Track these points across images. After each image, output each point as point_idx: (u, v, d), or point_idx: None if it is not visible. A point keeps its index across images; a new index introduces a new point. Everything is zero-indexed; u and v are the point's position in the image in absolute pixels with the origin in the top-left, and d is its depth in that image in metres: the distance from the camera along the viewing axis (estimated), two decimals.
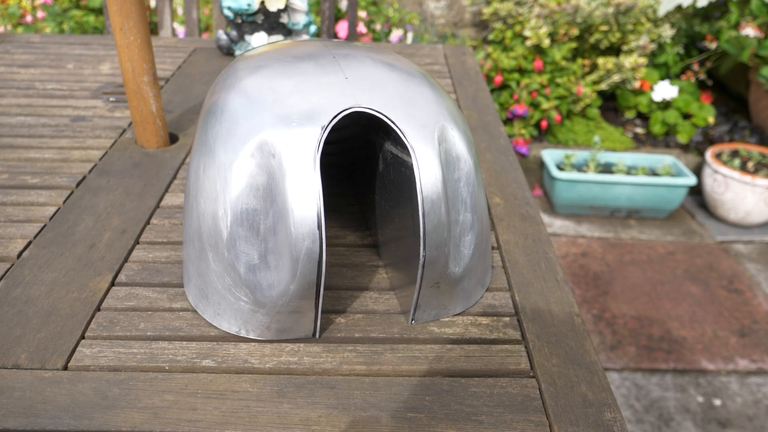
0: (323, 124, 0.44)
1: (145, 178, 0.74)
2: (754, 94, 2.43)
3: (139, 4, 0.72)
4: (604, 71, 2.46)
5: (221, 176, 0.46)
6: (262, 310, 0.48)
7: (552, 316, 0.55)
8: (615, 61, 2.42)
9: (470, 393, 0.47)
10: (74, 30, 2.47)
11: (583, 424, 0.45)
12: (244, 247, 0.46)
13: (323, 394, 0.46)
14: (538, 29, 2.38)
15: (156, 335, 0.51)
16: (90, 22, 2.52)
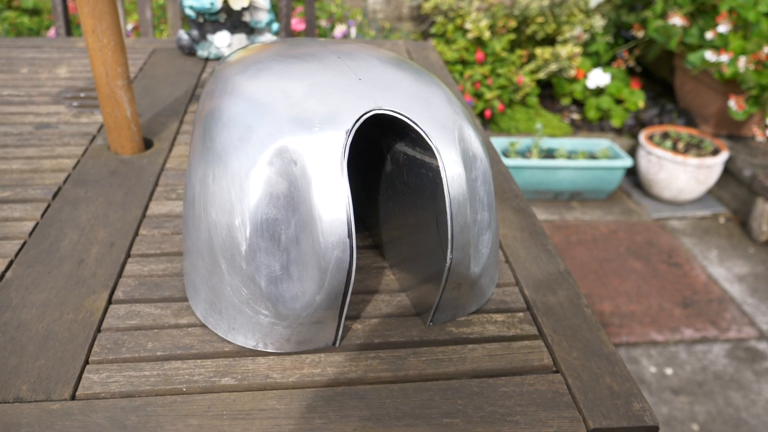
0: (347, 128, 0.41)
1: (125, 186, 0.68)
2: (680, 79, 2.52)
3: (112, 5, 0.66)
4: (542, 61, 2.50)
5: (236, 185, 0.43)
6: (283, 322, 0.45)
7: (563, 309, 0.54)
8: (552, 51, 2.46)
9: (500, 393, 0.45)
10: (8, 32, 2.30)
11: (615, 417, 0.44)
12: (265, 258, 0.43)
13: (354, 405, 0.44)
14: (479, 22, 2.39)
15: (167, 355, 0.47)
16: (24, 23, 2.35)
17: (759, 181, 2.14)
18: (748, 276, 1.98)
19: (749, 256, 2.08)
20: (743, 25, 2.09)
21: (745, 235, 2.19)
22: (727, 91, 2.20)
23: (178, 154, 0.75)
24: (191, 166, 0.49)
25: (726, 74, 2.05)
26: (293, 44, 0.56)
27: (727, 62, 2.02)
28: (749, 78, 2.00)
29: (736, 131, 2.40)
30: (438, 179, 0.44)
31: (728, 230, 2.22)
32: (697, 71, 2.18)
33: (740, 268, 2.02)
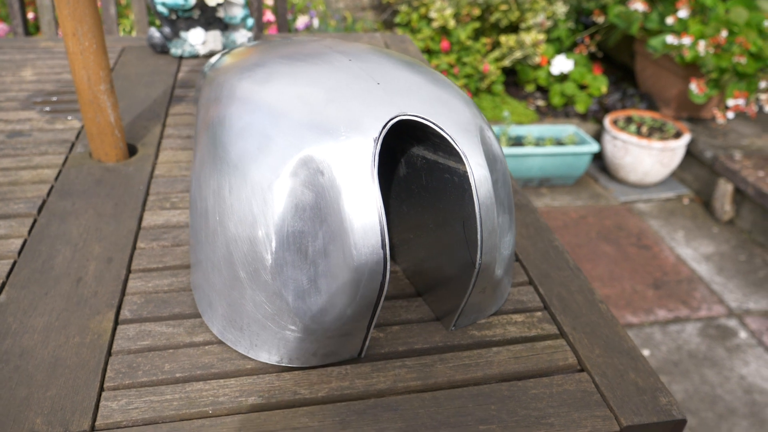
0: (374, 135, 0.40)
1: (114, 196, 0.65)
2: (640, 64, 2.58)
3: (93, 6, 0.63)
4: (506, 48, 2.51)
5: (258, 197, 0.41)
6: (311, 337, 0.44)
7: (579, 306, 0.54)
8: (516, 39, 2.48)
9: (531, 396, 0.46)
10: None
11: (645, 413, 0.45)
12: (292, 272, 0.41)
13: (388, 417, 0.43)
14: (443, 11, 2.38)
15: (187, 376, 0.45)
16: None
17: (720, 161, 2.21)
18: (714, 255, 2.05)
19: (714, 236, 2.15)
20: (701, 10, 2.15)
21: (708, 215, 2.26)
22: (688, 75, 2.27)
23: (166, 160, 0.73)
24: (201, 177, 0.47)
25: (687, 58, 2.10)
26: (292, 45, 0.55)
27: (688, 46, 2.07)
28: (709, 61, 2.06)
29: (696, 114, 2.47)
30: (465, 184, 0.43)
31: (692, 211, 2.29)
32: (659, 55, 2.24)
33: (706, 248, 2.09)
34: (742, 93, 2.10)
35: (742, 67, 2.03)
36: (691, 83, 2.15)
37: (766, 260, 2.03)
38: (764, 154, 2.27)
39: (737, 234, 2.16)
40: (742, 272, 1.97)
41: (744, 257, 2.04)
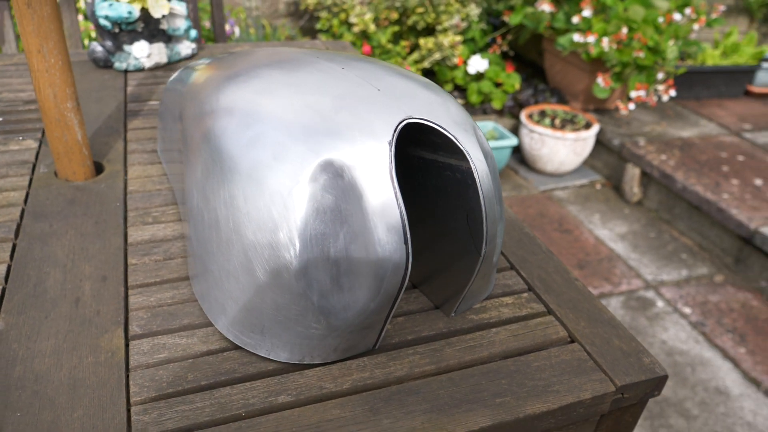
0: (388, 139, 0.43)
1: (92, 215, 0.64)
2: (549, 61, 2.73)
3: (58, 22, 0.61)
4: (426, 50, 2.59)
5: (278, 204, 0.43)
6: (334, 333, 0.46)
7: (558, 285, 0.59)
8: (434, 41, 2.56)
9: (534, 368, 0.50)
10: None
11: (633, 373, 0.50)
12: (316, 273, 0.43)
13: (412, 401, 0.46)
14: (363, 15, 2.42)
15: (212, 383, 0.46)
16: None
17: (627, 148, 2.39)
18: (627, 234, 2.21)
19: (626, 216, 2.32)
20: (602, 9, 2.31)
21: (619, 198, 2.44)
22: (594, 70, 2.43)
23: (137, 176, 0.71)
24: (206, 189, 0.47)
25: (593, 54, 2.26)
26: (273, 54, 0.56)
27: (593, 43, 2.22)
28: (612, 56, 2.22)
29: (601, 105, 2.65)
30: (468, 179, 0.46)
31: (605, 195, 2.46)
32: (567, 52, 2.38)
33: (620, 228, 2.25)
34: (642, 85, 2.28)
35: (642, 61, 2.21)
36: (598, 78, 2.30)
37: (672, 235, 2.21)
38: (664, 139, 2.48)
39: (646, 213, 2.34)
40: (653, 248, 2.13)
41: (654, 234, 2.22)
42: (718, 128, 2.65)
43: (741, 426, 1.46)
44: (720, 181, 2.19)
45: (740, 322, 1.80)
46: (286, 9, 3.09)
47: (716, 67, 2.82)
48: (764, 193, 2.13)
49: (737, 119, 2.77)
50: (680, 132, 2.58)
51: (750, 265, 1.96)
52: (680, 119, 2.71)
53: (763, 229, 1.89)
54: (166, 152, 0.71)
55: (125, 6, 0.94)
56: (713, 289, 1.93)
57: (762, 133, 2.63)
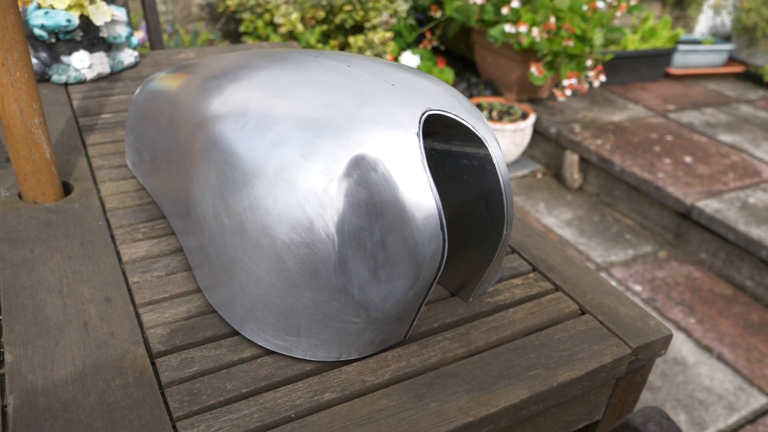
0: (415, 131, 0.46)
1: (74, 236, 0.63)
2: (480, 53, 2.85)
3: (22, 33, 0.61)
4: (356, 49, 2.63)
5: (312, 202, 0.45)
6: (372, 326, 0.48)
7: (559, 263, 0.65)
8: (365, 39, 2.61)
9: (556, 341, 0.54)
10: None
11: (644, 335, 0.56)
12: (355, 267, 0.46)
13: (453, 383, 0.49)
14: (290, 15, 2.44)
15: (253, 389, 0.47)
16: None
17: (564, 136, 2.53)
18: (573, 220, 2.34)
19: (569, 203, 2.46)
20: (529, 0, 2.44)
21: (561, 185, 2.57)
22: (525, 60, 2.55)
23: (111, 193, 0.71)
24: (225, 196, 0.49)
25: (524, 44, 2.38)
26: (266, 55, 0.58)
27: (525, 33, 2.34)
28: (543, 46, 2.35)
29: (535, 95, 2.79)
30: (487, 165, 0.51)
31: (547, 183, 2.59)
32: (499, 44, 2.50)
33: (565, 215, 2.37)
34: (574, 73, 2.42)
35: (571, 49, 2.35)
36: (532, 67, 2.43)
37: (615, 218, 2.36)
38: (598, 124, 2.64)
39: (588, 198, 2.48)
40: (599, 231, 2.27)
41: (598, 218, 2.36)
42: (645, 110, 2.85)
43: (700, 391, 1.59)
44: (654, 161, 2.36)
45: (687, 294, 1.95)
46: (201, 12, 3.05)
47: (637, 51, 3.04)
48: (695, 169, 2.32)
49: (661, 101, 2.99)
50: (611, 116, 2.75)
51: (689, 239, 2.12)
52: (609, 104, 2.90)
53: (699, 204, 2.06)
54: (142, 165, 0.71)
55: (63, 14, 0.92)
56: (659, 266, 2.08)
57: (685, 113, 2.85)
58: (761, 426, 1.50)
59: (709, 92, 3.14)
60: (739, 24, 3.33)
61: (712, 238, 2.01)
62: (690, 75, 3.29)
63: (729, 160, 2.38)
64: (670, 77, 3.29)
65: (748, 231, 1.87)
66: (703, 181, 2.21)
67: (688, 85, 3.23)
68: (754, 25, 3.21)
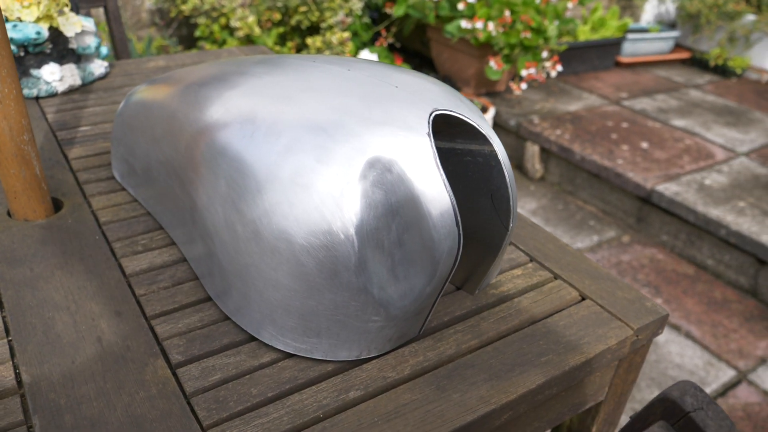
0: (426, 131, 0.48)
1: (73, 252, 0.63)
2: (436, 49, 2.88)
3: (8, 48, 0.60)
4: (314, 50, 2.63)
5: (329, 205, 0.46)
6: (391, 323, 0.50)
7: (554, 253, 0.67)
8: (322, 39, 2.61)
9: (562, 327, 0.57)
10: None
11: (643, 316, 0.59)
12: (374, 266, 0.47)
13: (471, 374, 0.51)
14: (246, 18, 2.42)
15: (278, 393, 0.48)
16: None
17: (524, 127, 2.58)
18: (538, 209, 2.40)
19: (532, 193, 2.52)
20: None
21: (523, 176, 2.63)
22: (482, 55, 2.60)
23: (103, 206, 0.70)
24: (240, 201, 0.50)
25: (481, 39, 2.42)
26: (260, 62, 0.59)
27: (482, 28, 2.39)
28: (500, 40, 2.40)
29: (492, 89, 2.84)
30: (491, 162, 0.53)
31: None
32: (456, 39, 2.53)
33: (530, 205, 2.43)
34: (531, 64, 2.48)
35: (528, 41, 2.40)
36: (490, 61, 2.47)
37: (578, 205, 2.43)
38: (555, 115, 2.71)
39: (550, 187, 2.55)
40: (563, 219, 2.34)
41: (561, 206, 2.42)
42: (600, 99, 2.94)
43: (672, 369, 1.66)
44: (612, 148, 2.44)
45: (652, 275, 2.03)
46: (151, 18, 3.00)
47: (588, 42, 3.12)
48: (652, 154, 2.41)
49: (614, 89, 3.09)
50: (567, 106, 2.83)
51: (651, 222, 2.21)
52: (565, 94, 2.97)
53: (659, 188, 2.14)
54: (133, 177, 0.71)
55: (32, 26, 0.90)
56: (623, 250, 2.16)
57: (638, 100, 2.95)
58: (731, 398, 1.58)
59: (658, 79, 3.25)
60: (683, 11, 3.46)
61: (672, 220, 2.10)
62: (639, 63, 3.41)
63: (683, 144, 2.48)
64: (620, 66, 3.39)
65: (706, 212, 1.96)
66: (661, 166, 2.30)
67: (638, 72, 3.34)
68: (698, 12, 3.34)
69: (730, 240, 1.88)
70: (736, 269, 1.90)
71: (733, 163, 2.31)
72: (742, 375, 1.64)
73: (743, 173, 2.24)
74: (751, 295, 1.86)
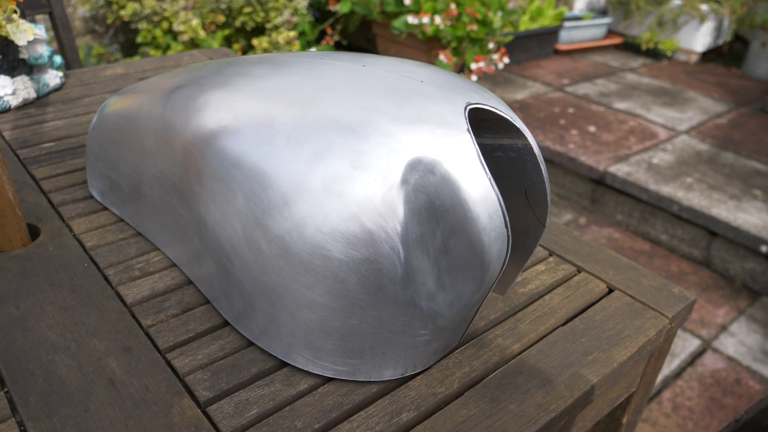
0: (465, 127, 0.43)
1: (62, 284, 0.55)
2: (382, 45, 2.84)
3: None
4: (260, 51, 2.55)
5: (370, 213, 0.41)
6: (438, 335, 0.46)
7: (572, 245, 0.65)
8: (269, 40, 2.53)
9: (599, 321, 0.54)
10: None
11: (673, 303, 0.57)
12: (421, 277, 0.43)
13: (522, 380, 0.48)
14: (190, 22, 2.32)
15: (326, 423, 0.43)
16: None
17: None
18: None
19: None
20: None
21: None
22: (429, 48, 2.58)
23: (86, 229, 0.63)
24: (264, 217, 0.44)
25: (429, 33, 2.39)
26: (264, 62, 0.54)
27: (429, 23, 2.36)
28: (448, 33, 2.38)
29: None
30: (526, 156, 0.49)
31: None
32: (404, 35, 2.50)
33: None
34: (481, 57, 2.47)
35: (475, 34, 2.39)
36: (440, 54, 2.45)
37: None
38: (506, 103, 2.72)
39: None
40: None
41: None
42: (544, 87, 2.97)
43: None
44: (562, 133, 2.47)
45: None
46: (86, 26, 2.83)
47: (529, 31, 3.15)
48: (600, 137, 2.44)
49: (556, 76, 3.12)
50: (514, 95, 2.84)
51: (605, 203, 2.24)
52: (510, 84, 2.99)
53: (611, 169, 2.17)
54: (117, 194, 0.64)
55: None
56: (581, 231, 2.18)
57: (580, 85, 3.00)
58: (699, 366, 1.61)
59: (596, 64, 3.32)
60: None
61: (626, 199, 2.13)
62: (576, 50, 3.47)
63: (627, 125, 2.53)
64: (559, 53, 3.44)
65: (658, 189, 2.00)
66: (610, 148, 2.33)
67: (576, 59, 3.40)
68: None
69: (683, 215, 1.93)
70: (689, 243, 1.95)
71: (676, 141, 2.37)
72: (706, 343, 1.67)
73: (686, 150, 2.30)
74: (705, 266, 1.91)
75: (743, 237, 1.77)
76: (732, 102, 2.83)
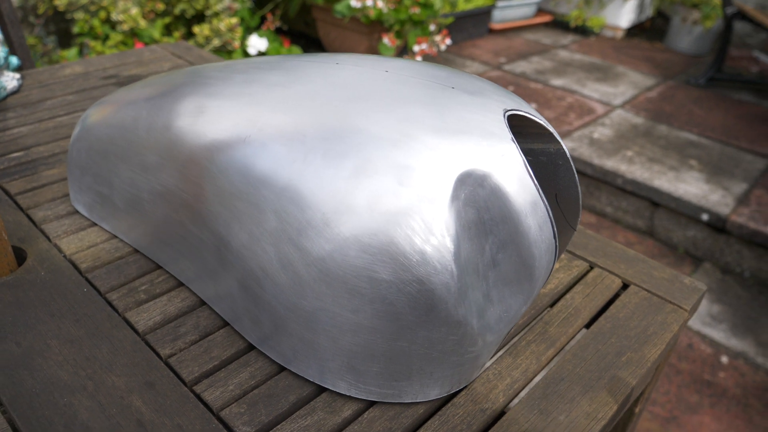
0: (509, 136, 0.41)
1: (63, 313, 0.49)
2: (323, 30, 2.76)
3: None
4: (202, 39, 2.42)
5: (420, 232, 0.38)
6: (486, 350, 0.43)
7: (580, 240, 0.63)
8: (211, 27, 2.40)
9: (623, 318, 0.53)
10: None
11: (688, 294, 0.56)
12: (472, 294, 0.40)
13: (566, 387, 0.46)
14: (129, 11, 2.17)
15: None
16: None
17: None
18: None
19: None
20: None
21: None
22: (371, 32, 2.52)
23: (77, 249, 0.57)
24: (300, 240, 0.40)
25: (372, 17, 2.34)
26: (274, 67, 0.49)
27: (372, 6, 2.30)
28: (390, 16, 2.33)
29: None
30: (558, 160, 0.47)
31: None
32: (347, 19, 2.43)
33: None
34: (423, 39, 2.44)
35: (417, 16, 2.35)
36: (383, 38, 2.40)
37: None
38: None
39: None
40: None
41: None
42: (483, 66, 2.97)
43: None
44: None
45: None
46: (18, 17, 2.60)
47: (465, 11, 3.14)
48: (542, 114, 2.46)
49: (492, 55, 3.13)
50: None
51: None
52: (450, 64, 2.98)
53: None
54: (109, 209, 0.58)
55: None
56: None
57: (516, 64, 3.02)
58: None
59: (529, 42, 3.35)
60: None
61: None
62: (509, 28, 3.49)
63: (565, 102, 2.57)
64: (493, 32, 3.46)
65: (602, 164, 2.04)
66: (552, 124, 2.36)
67: (510, 38, 3.42)
68: None
69: (627, 188, 1.98)
70: (633, 214, 2.01)
71: (613, 116, 2.43)
72: None
73: (623, 124, 2.36)
74: (649, 236, 1.98)
75: (685, 206, 1.84)
76: (659, 75, 2.92)
